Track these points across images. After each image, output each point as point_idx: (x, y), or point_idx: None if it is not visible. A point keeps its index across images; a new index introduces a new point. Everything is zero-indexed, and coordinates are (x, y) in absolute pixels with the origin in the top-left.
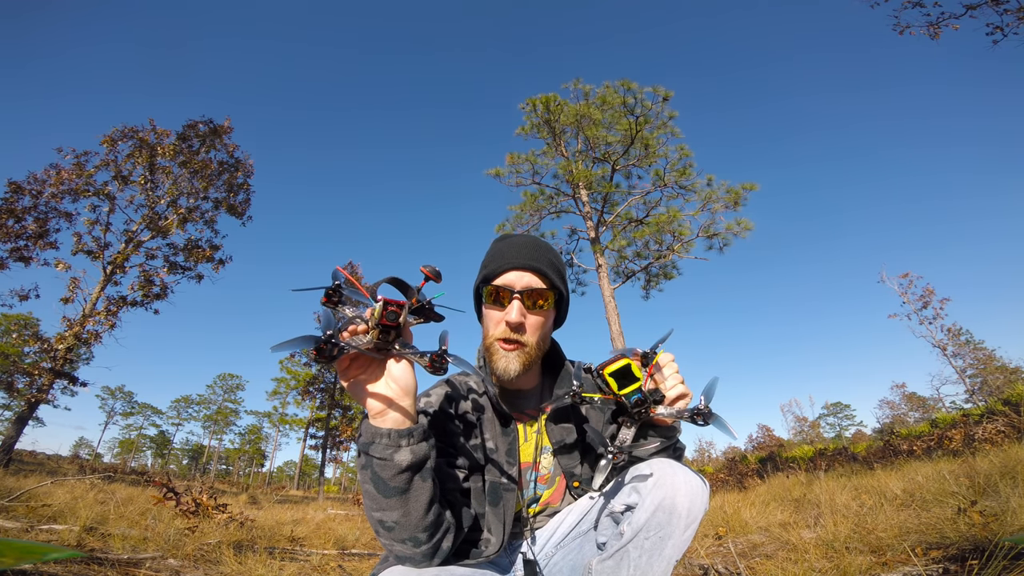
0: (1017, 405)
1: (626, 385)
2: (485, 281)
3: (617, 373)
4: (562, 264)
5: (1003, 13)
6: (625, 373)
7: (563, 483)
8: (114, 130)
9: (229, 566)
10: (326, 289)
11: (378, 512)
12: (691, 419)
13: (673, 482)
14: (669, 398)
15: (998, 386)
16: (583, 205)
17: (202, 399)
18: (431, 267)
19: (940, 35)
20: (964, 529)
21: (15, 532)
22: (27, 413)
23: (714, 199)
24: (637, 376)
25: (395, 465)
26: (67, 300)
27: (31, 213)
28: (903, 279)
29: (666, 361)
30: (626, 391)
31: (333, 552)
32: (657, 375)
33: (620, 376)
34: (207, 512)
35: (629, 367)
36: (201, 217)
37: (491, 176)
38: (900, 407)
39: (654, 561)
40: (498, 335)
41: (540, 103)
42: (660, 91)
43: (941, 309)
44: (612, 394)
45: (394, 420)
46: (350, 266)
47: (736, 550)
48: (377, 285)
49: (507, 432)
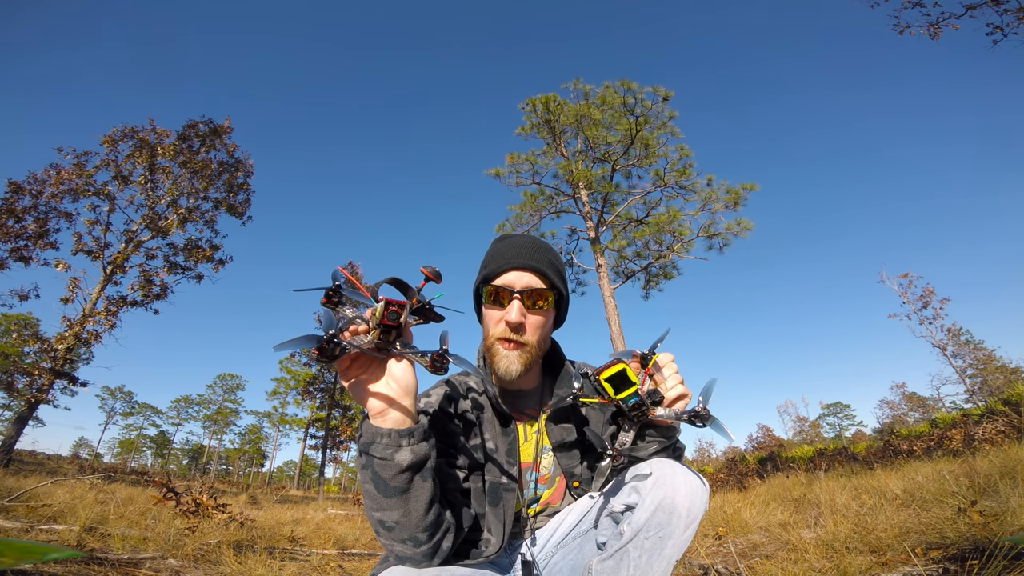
0: (1017, 405)
1: (622, 389)
2: (485, 281)
3: (613, 378)
4: (561, 264)
5: (1003, 13)
6: (621, 377)
7: (563, 483)
8: (114, 130)
9: (229, 566)
10: (326, 290)
11: (378, 512)
12: (689, 421)
13: (673, 482)
14: (668, 399)
15: (998, 386)
16: (583, 205)
17: (202, 399)
18: (431, 268)
19: (940, 35)
20: (964, 529)
21: (15, 532)
22: (27, 413)
23: (714, 199)
24: (633, 380)
25: (395, 465)
26: (67, 300)
27: (31, 213)
28: (903, 279)
29: (665, 361)
30: (622, 395)
31: (333, 552)
32: (657, 375)
33: (616, 381)
34: (207, 512)
35: (624, 372)
36: (201, 217)
37: (491, 176)
38: (900, 407)
39: (654, 561)
40: (498, 335)
41: (540, 103)
42: (660, 91)
43: (941, 309)
44: (609, 398)
45: (395, 420)
46: (350, 266)
47: (736, 550)
48: (378, 285)
49: (507, 432)
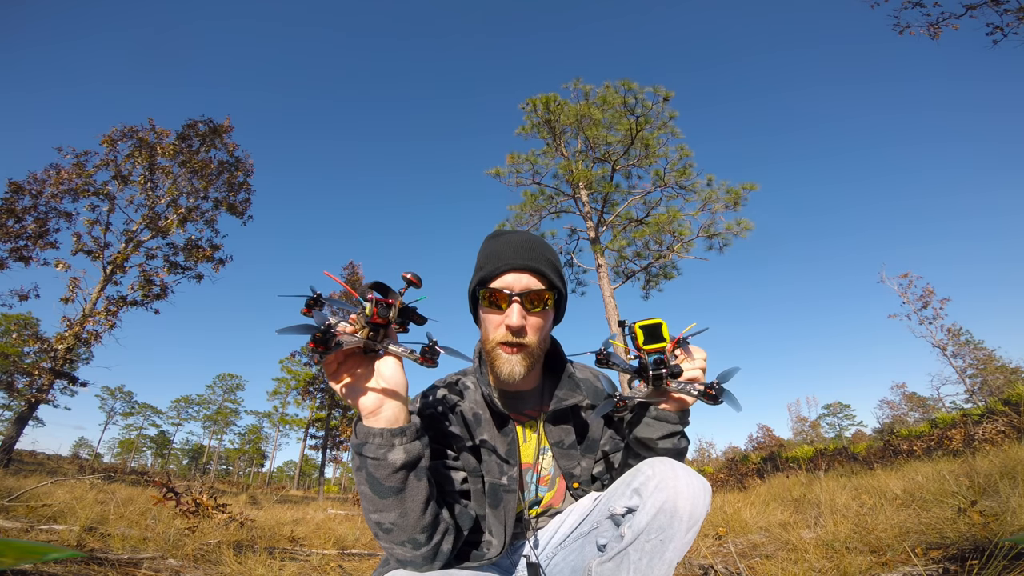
0: (1017, 405)
1: (652, 342)
2: (482, 283)
3: (648, 328)
4: (558, 260)
5: (1003, 13)
6: (655, 331)
7: (563, 484)
8: (113, 130)
9: (229, 566)
10: (307, 299)
11: (375, 514)
12: (702, 395)
13: (675, 485)
14: (687, 376)
15: (998, 386)
16: (583, 205)
17: (202, 399)
18: (412, 273)
19: (940, 35)
20: (964, 529)
21: (15, 532)
22: (27, 413)
23: (714, 199)
24: (665, 338)
25: (389, 464)
26: (67, 300)
27: (31, 213)
28: (903, 279)
29: (698, 349)
30: (650, 348)
31: (333, 552)
32: (683, 352)
33: (649, 332)
34: (207, 512)
35: (660, 326)
36: (201, 217)
37: (491, 176)
38: (900, 407)
39: (654, 564)
40: (499, 339)
41: (540, 103)
42: (660, 91)
43: (941, 309)
44: (636, 348)
45: (387, 419)
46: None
47: (736, 550)
48: (364, 289)
49: (505, 432)
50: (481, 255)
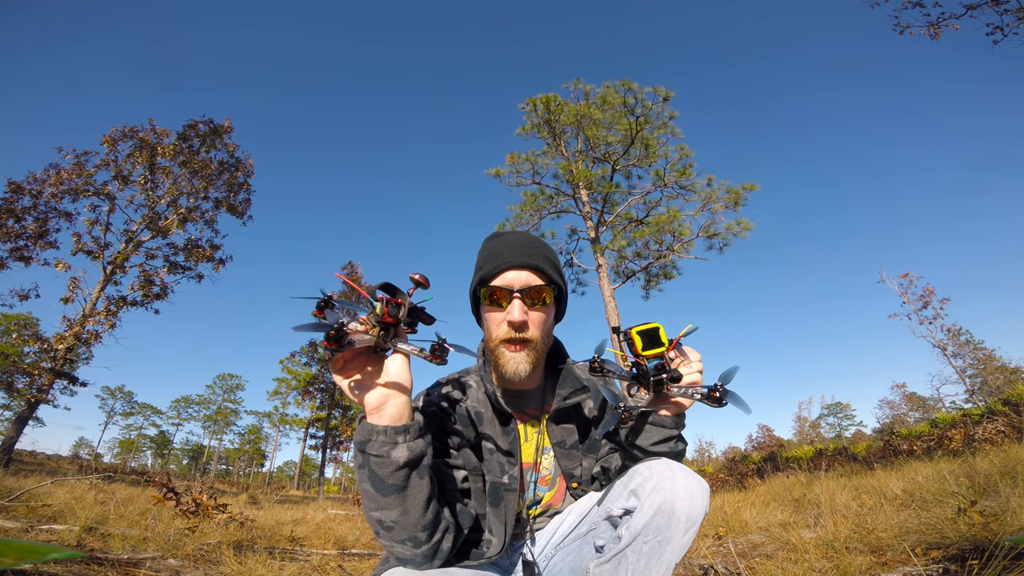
0: (1017, 405)
1: (650, 347)
2: (482, 283)
3: (645, 333)
4: (557, 258)
5: (1003, 13)
6: (652, 336)
7: (563, 484)
8: (114, 130)
9: (229, 566)
10: (317, 300)
11: (376, 512)
12: (706, 398)
13: (673, 486)
14: (687, 380)
15: (998, 386)
16: (583, 205)
17: (202, 399)
18: (420, 274)
19: (940, 35)
20: (964, 529)
21: (15, 532)
22: (27, 413)
23: (714, 199)
24: (663, 342)
25: (392, 462)
26: (67, 300)
27: (31, 213)
28: (903, 279)
29: (692, 351)
30: (649, 353)
31: (333, 552)
32: (679, 355)
33: (647, 337)
34: (207, 512)
35: (657, 331)
36: (201, 217)
37: (491, 176)
38: (900, 407)
39: (652, 565)
40: (502, 336)
41: (540, 103)
42: (660, 91)
43: (941, 309)
44: (634, 354)
45: (391, 417)
46: (350, 266)
47: (736, 550)
48: (373, 289)
49: (507, 431)
50: (481, 256)
